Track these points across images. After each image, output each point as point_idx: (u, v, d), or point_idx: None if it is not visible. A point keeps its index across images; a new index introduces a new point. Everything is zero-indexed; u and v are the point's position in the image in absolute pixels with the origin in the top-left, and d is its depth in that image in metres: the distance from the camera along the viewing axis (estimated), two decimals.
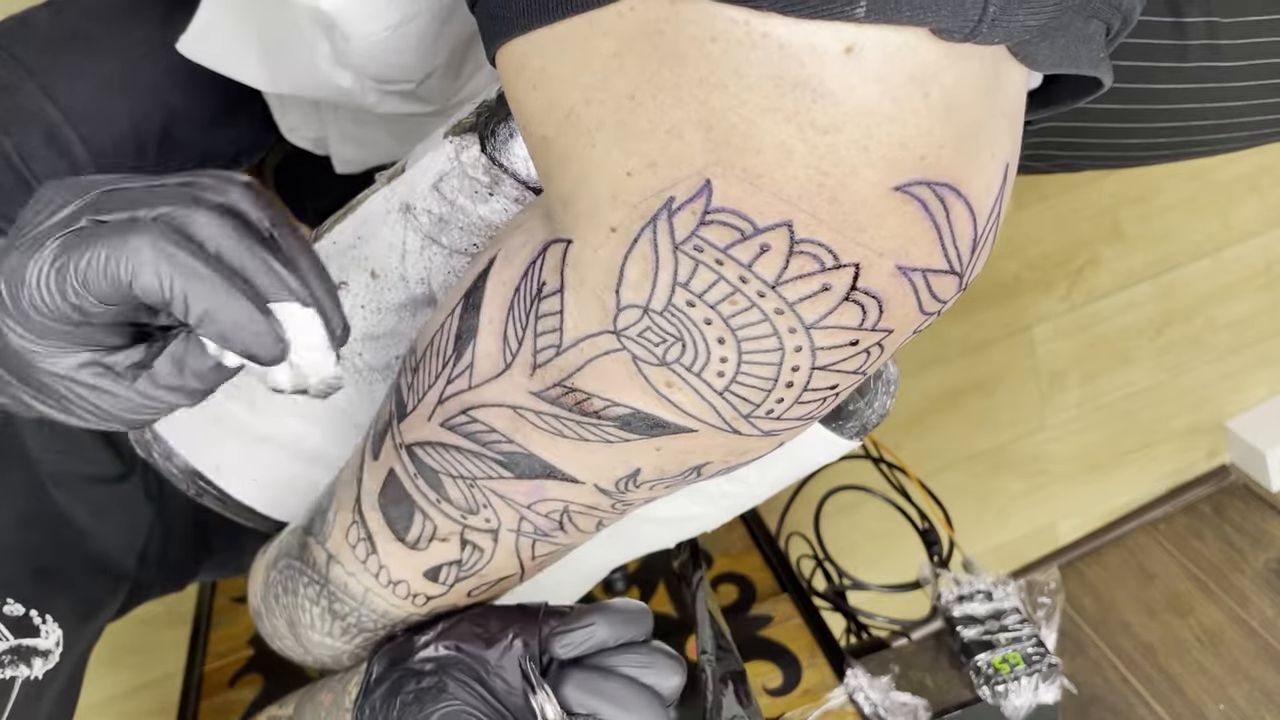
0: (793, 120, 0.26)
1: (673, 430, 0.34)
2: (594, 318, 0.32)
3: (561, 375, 0.34)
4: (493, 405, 0.36)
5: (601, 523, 0.42)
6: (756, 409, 0.32)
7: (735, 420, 0.33)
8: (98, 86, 0.61)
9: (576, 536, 0.42)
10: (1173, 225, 1.45)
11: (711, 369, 0.31)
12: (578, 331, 0.32)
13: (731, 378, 0.31)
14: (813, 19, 0.25)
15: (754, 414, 0.33)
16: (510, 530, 0.41)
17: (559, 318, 0.32)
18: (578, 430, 0.35)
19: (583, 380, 0.33)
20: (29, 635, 0.50)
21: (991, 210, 0.29)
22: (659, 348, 0.31)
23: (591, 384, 0.33)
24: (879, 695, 0.71)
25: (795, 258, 0.28)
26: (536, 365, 0.34)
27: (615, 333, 0.31)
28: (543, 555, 0.43)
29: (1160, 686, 1.41)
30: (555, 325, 0.33)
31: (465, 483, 0.40)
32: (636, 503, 0.40)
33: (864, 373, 0.32)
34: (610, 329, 0.31)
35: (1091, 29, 0.29)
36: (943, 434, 1.47)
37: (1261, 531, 1.55)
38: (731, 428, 0.33)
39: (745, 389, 0.31)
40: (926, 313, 0.31)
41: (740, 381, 0.31)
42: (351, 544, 0.45)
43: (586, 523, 0.41)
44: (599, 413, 0.34)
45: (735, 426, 0.33)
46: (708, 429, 0.33)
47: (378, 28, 0.47)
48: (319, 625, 0.48)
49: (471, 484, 0.39)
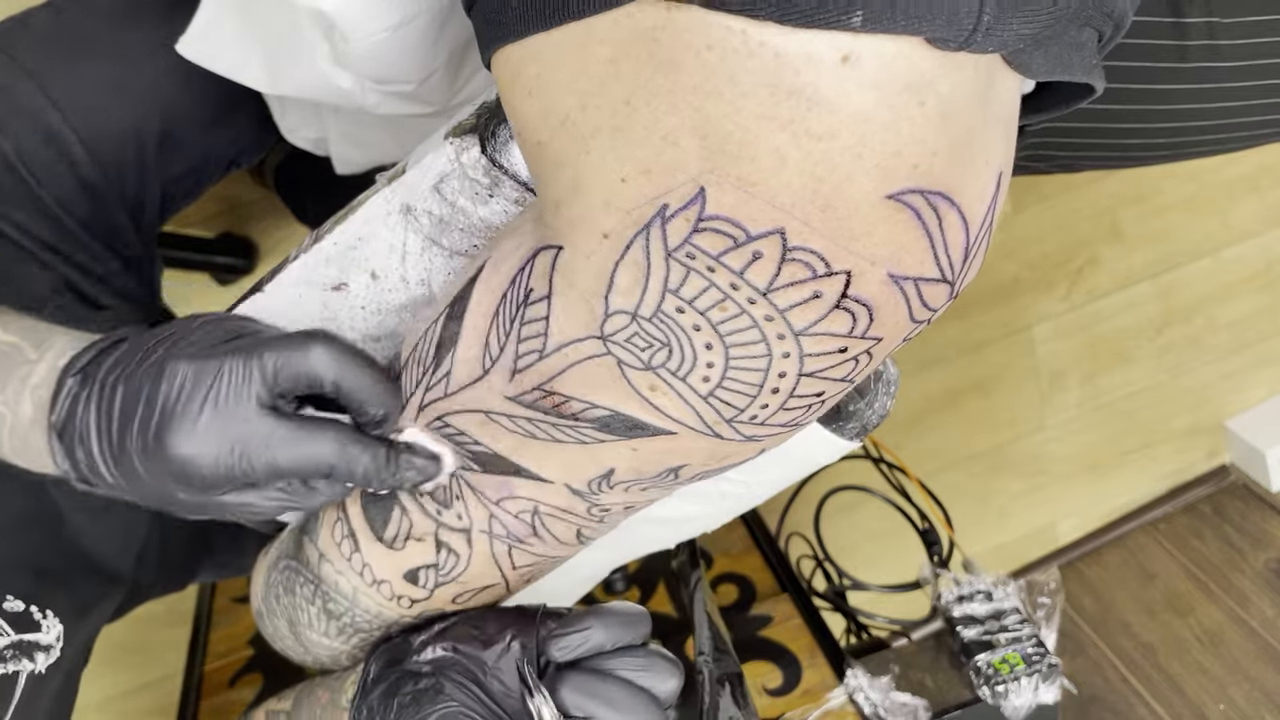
0: (788, 128, 0.26)
1: (651, 432, 0.34)
2: (580, 322, 0.32)
3: (541, 379, 0.34)
4: (466, 411, 0.37)
5: (581, 532, 0.42)
6: (740, 414, 0.32)
7: (717, 424, 0.33)
8: (97, 87, 0.61)
9: (555, 547, 0.42)
10: (1172, 225, 1.45)
11: (697, 374, 0.31)
12: (563, 336, 0.32)
13: (717, 383, 0.31)
14: (809, 28, 0.25)
15: (737, 419, 0.33)
16: (482, 531, 0.42)
17: (544, 323, 0.33)
18: (550, 432, 0.36)
19: (563, 384, 0.33)
20: (30, 630, 0.50)
21: (984, 219, 0.30)
22: (645, 353, 0.31)
23: (572, 387, 0.33)
24: (879, 695, 0.71)
25: (787, 265, 0.28)
26: (516, 370, 0.35)
27: (601, 338, 0.31)
28: (524, 566, 0.43)
29: (1160, 686, 1.41)
30: (540, 331, 0.33)
31: None
32: (615, 509, 0.40)
33: (851, 380, 0.32)
34: (597, 334, 0.31)
35: (1084, 37, 0.29)
36: (943, 434, 1.47)
37: (1261, 531, 1.55)
38: (713, 431, 0.33)
39: (730, 394, 0.32)
40: (917, 321, 0.31)
41: (725, 387, 0.31)
42: (337, 541, 0.46)
43: (563, 530, 0.41)
44: (577, 415, 0.34)
45: (717, 430, 0.33)
46: (688, 432, 0.33)
47: (378, 29, 0.47)
48: (316, 625, 0.48)
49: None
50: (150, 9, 0.63)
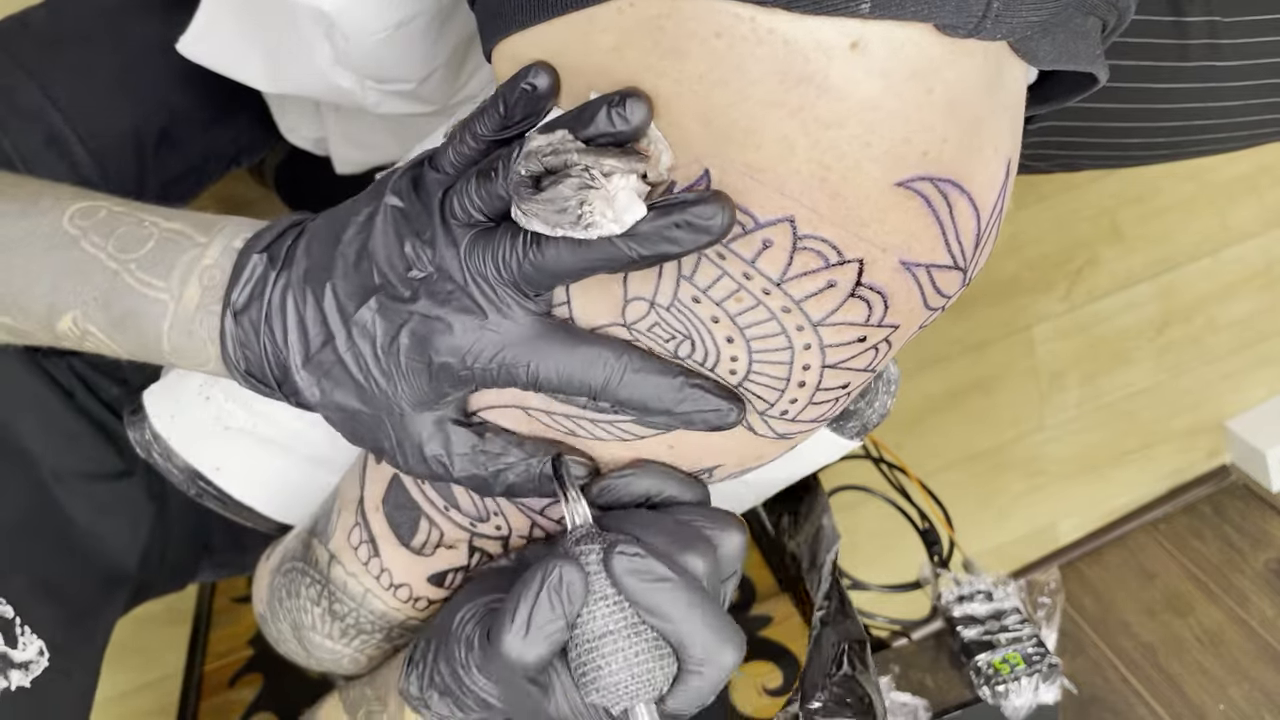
0: (796, 115, 0.26)
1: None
2: (603, 308, 0.31)
3: None
4: (500, 406, 0.36)
5: None
6: (771, 408, 0.32)
7: (751, 417, 0.33)
8: (97, 87, 0.61)
9: None
10: (1172, 225, 1.45)
11: (723, 367, 0.31)
12: (588, 322, 0.32)
13: (744, 375, 0.31)
14: (817, 15, 0.25)
15: (768, 412, 0.32)
16: (522, 538, 0.41)
17: (566, 308, 0.32)
18: (591, 430, 0.35)
19: None
20: (9, 644, 0.49)
21: (994, 205, 0.29)
22: (669, 344, 0.31)
23: None
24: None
25: (799, 254, 0.28)
26: None
27: (626, 325, 0.31)
28: None
29: (1160, 686, 1.41)
30: (564, 315, 0.32)
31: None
32: None
33: (873, 370, 0.32)
34: (621, 321, 0.31)
35: (1089, 25, 0.29)
36: (943, 434, 1.47)
37: (1261, 531, 1.55)
38: (748, 425, 0.33)
39: (759, 387, 0.31)
40: (931, 308, 0.31)
41: (753, 380, 0.31)
42: (354, 545, 0.45)
43: None
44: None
45: (751, 425, 0.33)
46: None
47: (378, 28, 0.47)
48: (319, 627, 0.48)
49: None
50: (150, 8, 0.63)
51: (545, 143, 0.28)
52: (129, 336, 0.37)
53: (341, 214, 0.35)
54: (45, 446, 0.59)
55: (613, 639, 0.32)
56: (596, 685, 0.32)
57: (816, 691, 0.48)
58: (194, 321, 0.36)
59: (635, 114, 0.27)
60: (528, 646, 0.32)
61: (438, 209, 0.32)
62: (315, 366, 0.34)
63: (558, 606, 0.32)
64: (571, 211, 0.28)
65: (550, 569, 0.32)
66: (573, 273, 0.29)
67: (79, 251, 0.37)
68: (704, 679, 0.33)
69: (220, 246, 0.36)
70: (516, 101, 0.30)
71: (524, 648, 0.32)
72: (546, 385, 0.32)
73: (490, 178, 0.30)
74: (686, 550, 0.33)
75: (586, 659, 0.32)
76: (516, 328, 0.31)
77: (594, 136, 0.28)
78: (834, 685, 0.49)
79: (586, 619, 0.32)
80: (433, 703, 0.40)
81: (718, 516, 0.35)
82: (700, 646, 0.32)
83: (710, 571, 0.33)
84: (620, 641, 0.32)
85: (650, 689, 0.32)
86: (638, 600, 0.32)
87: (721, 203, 0.27)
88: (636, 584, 0.32)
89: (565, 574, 0.32)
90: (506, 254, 0.30)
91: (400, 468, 0.36)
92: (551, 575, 0.32)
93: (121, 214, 0.38)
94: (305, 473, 0.53)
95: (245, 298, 0.35)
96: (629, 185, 0.27)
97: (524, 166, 0.29)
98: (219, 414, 0.52)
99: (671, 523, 0.34)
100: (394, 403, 0.34)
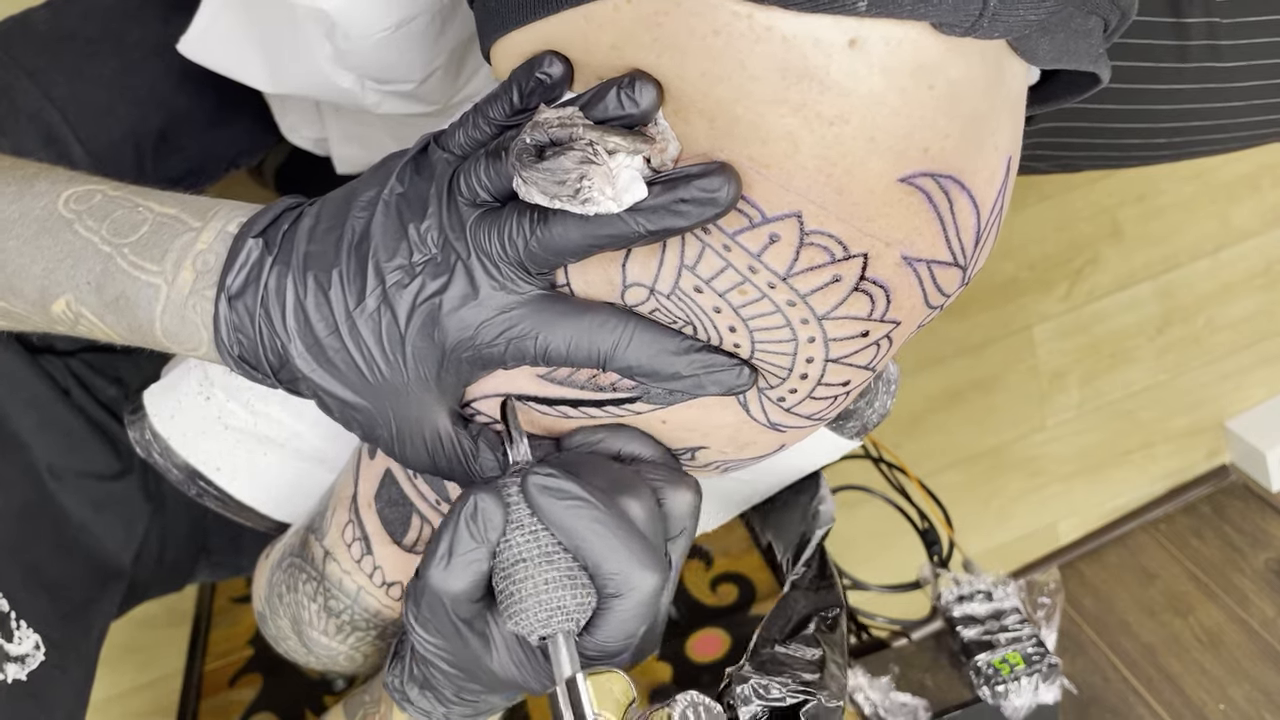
0: (799, 112, 0.26)
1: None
2: (600, 292, 0.32)
3: None
4: (494, 395, 0.36)
5: None
6: (771, 390, 0.32)
7: (749, 393, 0.33)
8: (96, 87, 0.61)
9: None
10: (1172, 225, 1.45)
11: (726, 347, 0.31)
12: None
13: (748, 357, 0.31)
14: (815, 12, 0.25)
15: (767, 392, 0.33)
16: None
17: (566, 289, 0.32)
18: (587, 413, 0.35)
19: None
20: (4, 638, 0.49)
21: (994, 203, 0.30)
22: (671, 327, 0.31)
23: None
24: (879, 695, 0.71)
25: (806, 249, 0.28)
26: None
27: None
28: None
29: (1160, 686, 1.41)
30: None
31: None
32: None
33: (873, 368, 0.32)
34: (619, 305, 0.31)
35: (1090, 24, 0.29)
36: (943, 434, 1.47)
37: (1261, 531, 1.55)
38: (743, 401, 0.33)
39: (762, 365, 0.32)
40: (931, 306, 0.31)
41: (756, 360, 0.31)
42: (347, 542, 0.45)
43: None
44: (614, 384, 0.34)
45: (747, 402, 0.33)
46: (717, 399, 0.33)
47: (378, 28, 0.47)
48: (317, 623, 0.48)
49: None
50: (150, 9, 0.63)
51: (554, 115, 0.28)
52: (122, 320, 0.37)
53: (342, 198, 0.35)
54: (42, 442, 0.59)
55: (525, 566, 0.32)
56: (510, 612, 0.33)
57: (764, 647, 0.47)
58: (187, 306, 0.36)
59: (644, 96, 0.27)
60: (449, 576, 0.33)
61: (445, 188, 0.32)
62: (316, 353, 0.34)
63: (477, 535, 0.32)
64: (570, 184, 0.27)
65: (467, 499, 0.32)
66: (579, 249, 0.29)
67: (73, 235, 0.37)
68: (625, 607, 0.32)
69: (215, 230, 0.36)
70: (531, 88, 0.30)
71: (446, 577, 0.33)
72: (556, 356, 0.32)
73: (500, 158, 0.30)
74: (624, 492, 0.33)
75: (503, 586, 0.33)
76: (522, 301, 0.31)
77: (604, 118, 0.28)
78: (783, 645, 0.48)
79: (504, 547, 0.33)
80: (412, 695, 0.41)
81: (673, 475, 0.35)
82: (615, 568, 0.32)
83: (648, 518, 0.33)
84: (531, 569, 0.32)
85: (563, 617, 0.32)
86: (549, 519, 0.32)
87: (727, 174, 0.27)
88: (548, 502, 0.32)
89: (480, 503, 0.32)
90: (513, 231, 0.30)
91: (397, 457, 0.36)
92: (467, 504, 0.32)
93: (117, 198, 0.38)
94: (305, 471, 0.53)
95: (240, 282, 0.35)
96: (632, 165, 0.27)
97: (530, 136, 0.29)
98: (220, 413, 0.52)
99: (618, 469, 0.34)
100: (397, 390, 0.34)
